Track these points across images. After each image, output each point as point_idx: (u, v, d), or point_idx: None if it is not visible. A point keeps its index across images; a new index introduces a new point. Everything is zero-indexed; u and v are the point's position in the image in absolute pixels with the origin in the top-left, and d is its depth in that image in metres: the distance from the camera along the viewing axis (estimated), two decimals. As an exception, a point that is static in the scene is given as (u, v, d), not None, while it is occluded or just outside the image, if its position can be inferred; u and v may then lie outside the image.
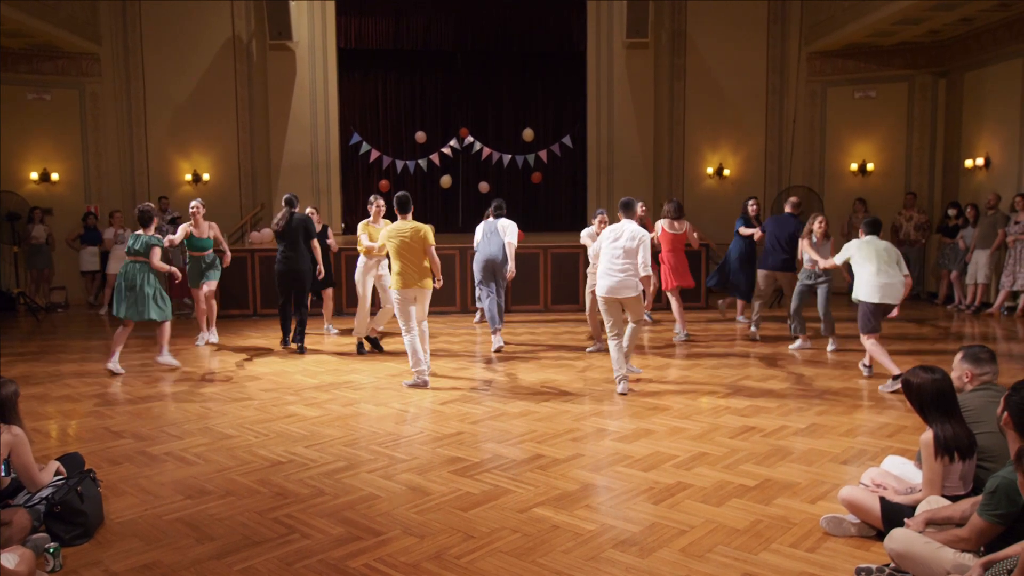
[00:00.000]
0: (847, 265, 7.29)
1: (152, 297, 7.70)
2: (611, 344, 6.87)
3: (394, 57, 14.85)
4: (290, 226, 8.71)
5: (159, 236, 8.03)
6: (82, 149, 13.68)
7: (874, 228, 7.12)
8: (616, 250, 6.81)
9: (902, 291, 6.89)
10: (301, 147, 13.95)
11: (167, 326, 7.96)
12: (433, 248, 7.10)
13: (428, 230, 7.13)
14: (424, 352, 7.20)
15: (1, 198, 12.65)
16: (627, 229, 6.88)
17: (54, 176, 13.44)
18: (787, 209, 9.31)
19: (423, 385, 7.05)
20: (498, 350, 8.69)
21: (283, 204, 8.88)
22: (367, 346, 8.74)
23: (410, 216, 7.21)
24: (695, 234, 9.77)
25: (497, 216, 9.18)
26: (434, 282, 7.21)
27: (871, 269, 6.86)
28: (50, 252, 12.93)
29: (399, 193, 7.27)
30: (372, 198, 8.70)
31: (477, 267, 9.10)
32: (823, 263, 7.90)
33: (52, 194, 13.42)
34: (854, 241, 7.16)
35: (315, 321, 9.96)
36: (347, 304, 11.25)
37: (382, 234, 7.36)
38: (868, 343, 7.02)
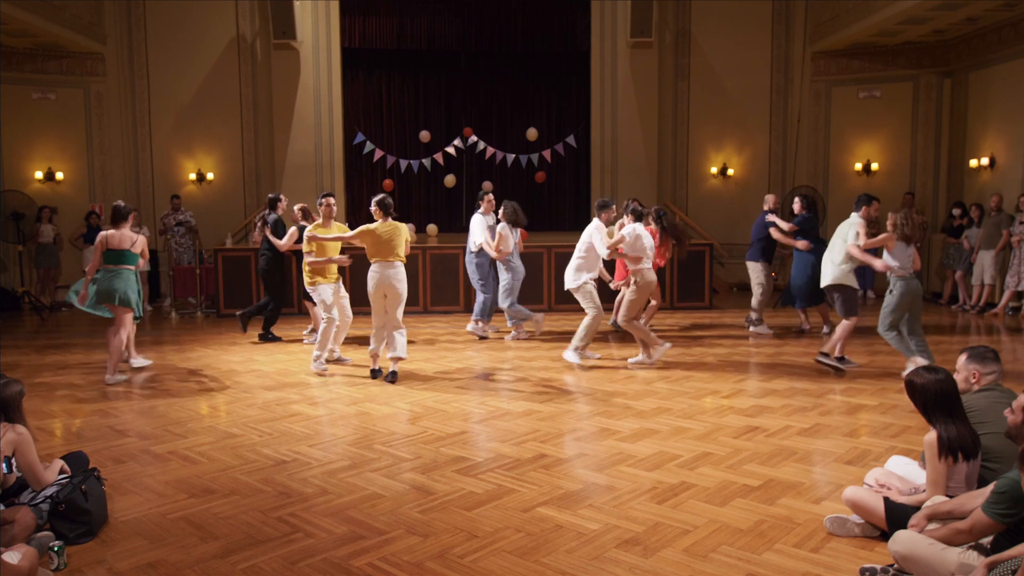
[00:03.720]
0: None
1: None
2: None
3: (398, 57, 14.86)
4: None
5: None
6: (86, 148, 13.73)
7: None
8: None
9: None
10: (305, 146, 13.97)
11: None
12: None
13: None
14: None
15: (6, 197, 12.69)
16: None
17: (59, 175, 13.48)
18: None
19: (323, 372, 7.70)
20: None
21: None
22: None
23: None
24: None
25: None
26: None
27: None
28: (57, 251, 12.97)
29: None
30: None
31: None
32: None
33: (56, 193, 13.46)
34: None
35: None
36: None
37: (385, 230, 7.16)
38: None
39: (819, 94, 14.16)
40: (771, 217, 9.71)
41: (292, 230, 8.94)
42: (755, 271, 9.86)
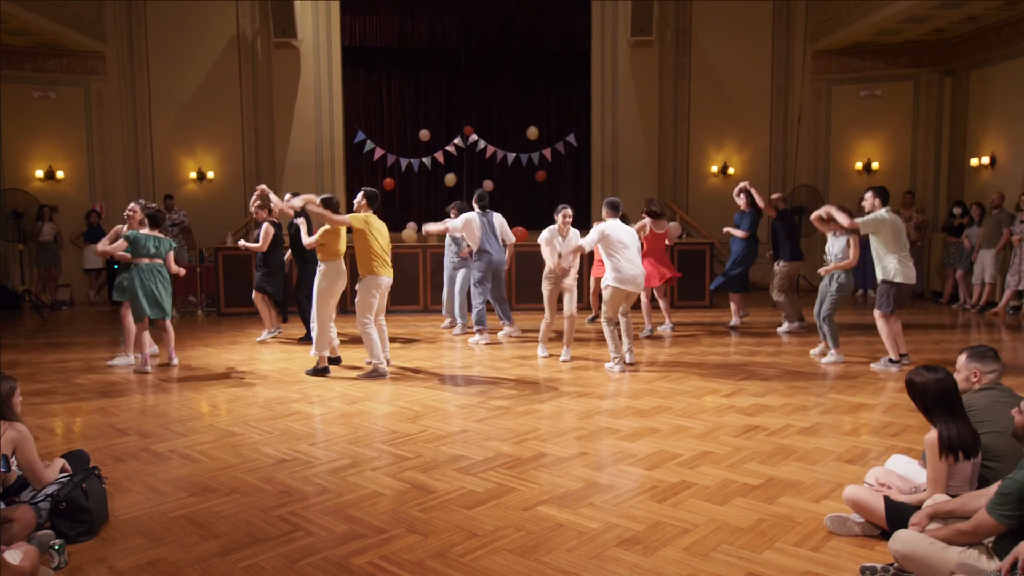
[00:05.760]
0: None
1: (165, 296, 7.92)
2: (609, 330, 7.54)
3: (398, 55, 14.85)
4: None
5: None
6: (87, 147, 13.73)
7: (886, 196, 7.45)
8: (633, 244, 7.43)
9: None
10: (305, 145, 13.97)
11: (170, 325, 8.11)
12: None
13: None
14: (386, 346, 7.63)
15: (7, 196, 12.69)
16: (627, 227, 7.62)
17: (59, 174, 13.49)
18: (781, 206, 9.89)
19: (383, 376, 7.35)
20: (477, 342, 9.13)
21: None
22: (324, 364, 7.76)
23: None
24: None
25: (484, 208, 9.18)
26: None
27: (898, 248, 7.31)
28: (58, 250, 12.98)
29: (373, 189, 7.48)
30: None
31: (482, 270, 9.08)
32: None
33: (57, 192, 13.47)
34: (881, 215, 7.33)
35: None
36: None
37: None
38: (887, 323, 7.45)
39: (820, 93, 14.15)
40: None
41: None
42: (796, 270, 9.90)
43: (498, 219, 9.31)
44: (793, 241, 9.69)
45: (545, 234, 8.23)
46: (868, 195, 7.46)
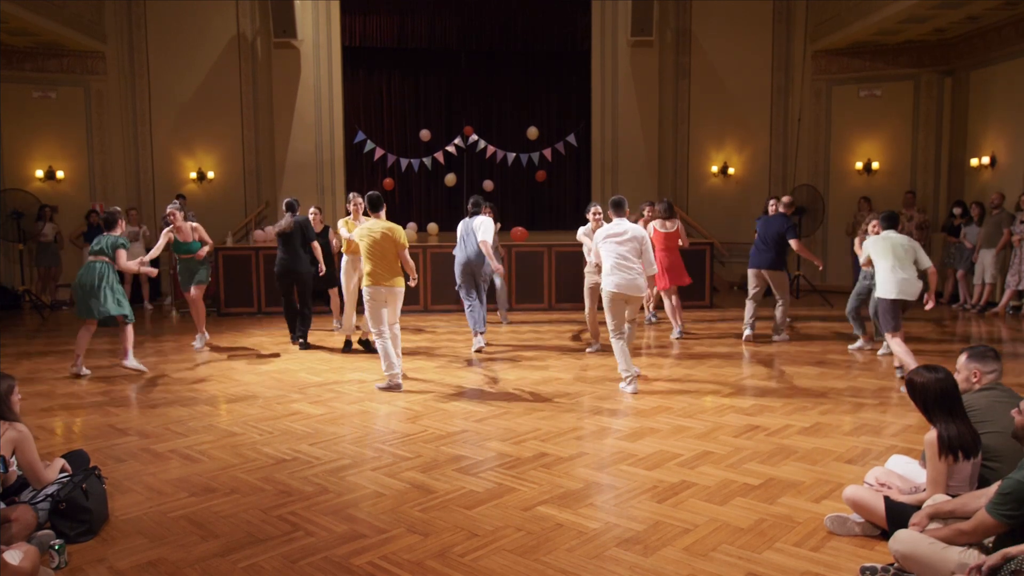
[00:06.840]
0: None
1: (112, 297, 7.50)
2: (616, 343, 6.87)
3: (399, 55, 14.86)
4: (290, 228, 8.90)
5: (125, 238, 7.73)
6: (87, 147, 13.73)
7: (890, 222, 7.33)
8: (625, 248, 6.91)
9: (918, 286, 7.07)
10: (306, 145, 13.97)
11: (130, 329, 7.67)
12: (406, 250, 7.06)
13: (401, 231, 7.09)
14: (396, 356, 7.04)
15: (7, 196, 12.69)
16: (630, 227, 7.02)
17: (59, 174, 13.48)
18: (779, 209, 9.30)
19: (396, 388, 6.94)
20: (478, 350, 8.67)
21: (285, 208, 9.02)
22: (355, 344, 8.89)
23: (383, 215, 7.18)
24: (684, 234, 9.74)
25: (473, 214, 9.08)
26: (407, 281, 7.17)
27: (886, 265, 7.09)
28: (58, 250, 12.97)
29: (371, 192, 7.30)
30: (351, 195, 8.75)
31: (456, 271, 9.13)
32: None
33: (57, 192, 13.46)
34: (871, 238, 7.37)
35: (321, 319, 10.00)
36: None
37: (354, 232, 7.41)
38: (893, 343, 7.14)
39: (820, 93, 14.15)
40: None
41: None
42: (782, 279, 9.23)
43: (478, 221, 8.91)
44: (757, 247, 9.29)
45: (580, 234, 8.48)
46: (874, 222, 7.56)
